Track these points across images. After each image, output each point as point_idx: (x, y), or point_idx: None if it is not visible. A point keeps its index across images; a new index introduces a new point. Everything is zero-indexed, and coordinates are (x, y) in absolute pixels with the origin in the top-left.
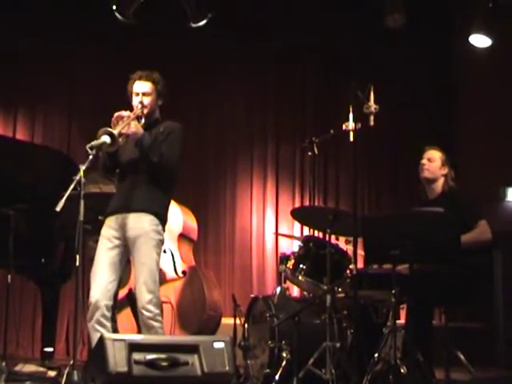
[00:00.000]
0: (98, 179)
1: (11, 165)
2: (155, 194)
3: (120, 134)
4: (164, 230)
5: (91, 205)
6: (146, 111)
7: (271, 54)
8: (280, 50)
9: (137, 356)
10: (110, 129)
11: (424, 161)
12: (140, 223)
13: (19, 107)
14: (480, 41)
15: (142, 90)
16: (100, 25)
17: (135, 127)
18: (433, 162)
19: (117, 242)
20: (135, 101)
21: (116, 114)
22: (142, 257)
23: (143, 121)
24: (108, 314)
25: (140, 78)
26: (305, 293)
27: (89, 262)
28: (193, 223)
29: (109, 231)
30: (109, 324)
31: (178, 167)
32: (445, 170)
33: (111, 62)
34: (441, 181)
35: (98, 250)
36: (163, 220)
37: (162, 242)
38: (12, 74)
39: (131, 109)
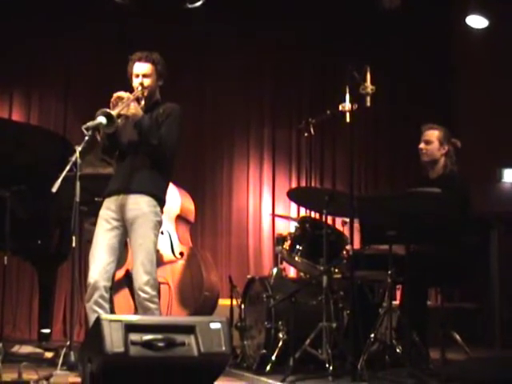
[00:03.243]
0: (95, 162)
1: (7, 146)
2: (154, 176)
3: (119, 116)
4: (162, 212)
5: (87, 186)
6: (146, 93)
7: (268, 36)
8: (277, 33)
9: (133, 337)
10: (108, 110)
11: (421, 145)
12: (138, 204)
13: (15, 88)
14: (477, 21)
15: (141, 71)
16: (97, 6)
17: (134, 109)
18: (430, 143)
19: (115, 223)
20: (135, 82)
21: (115, 95)
22: (139, 238)
23: (143, 102)
24: (106, 296)
25: (140, 59)
26: (301, 273)
27: (85, 243)
28: (190, 205)
29: (107, 212)
30: (107, 305)
31: (177, 149)
32: (444, 149)
33: (108, 43)
34: (442, 160)
35: (97, 232)
36: (162, 201)
37: (160, 223)
38: (8, 55)
39: (131, 90)
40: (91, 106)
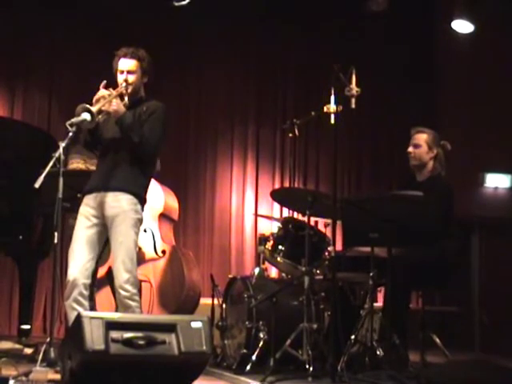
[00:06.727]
0: (83, 151)
1: None
2: (135, 174)
3: (100, 112)
4: (143, 210)
5: (70, 182)
6: (130, 89)
7: (252, 34)
8: (261, 32)
9: (114, 334)
10: (88, 106)
11: (410, 148)
12: (118, 202)
13: None
14: (462, 26)
15: (126, 67)
16: (82, 2)
17: (117, 105)
18: (418, 147)
19: (95, 220)
20: (120, 78)
21: (98, 94)
22: (119, 236)
23: (126, 99)
24: (86, 293)
25: (125, 55)
26: (283, 274)
27: (67, 239)
28: (174, 203)
29: (87, 209)
30: (86, 303)
31: (159, 148)
32: (433, 153)
33: (92, 37)
34: (430, 164)
35: (76, 229)
36: (142, 199)
37: (140, 221)
38: None
39: (116, 85)
40: (75, 101)
